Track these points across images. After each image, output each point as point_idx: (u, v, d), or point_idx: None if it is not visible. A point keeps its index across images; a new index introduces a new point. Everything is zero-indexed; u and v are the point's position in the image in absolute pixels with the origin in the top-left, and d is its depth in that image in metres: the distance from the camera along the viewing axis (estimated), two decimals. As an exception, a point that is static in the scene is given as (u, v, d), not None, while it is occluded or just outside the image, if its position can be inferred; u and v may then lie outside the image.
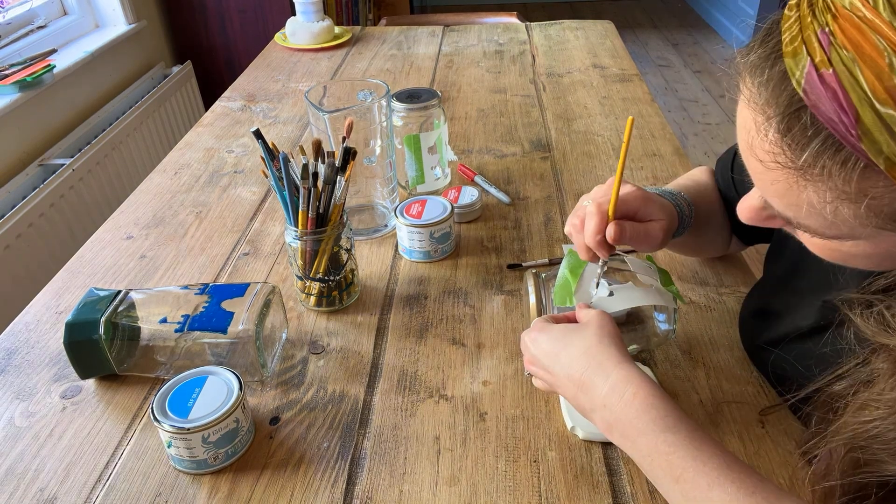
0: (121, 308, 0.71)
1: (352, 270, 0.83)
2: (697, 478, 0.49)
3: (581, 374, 0.57)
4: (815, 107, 0.37)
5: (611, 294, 0.66)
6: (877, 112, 0.35)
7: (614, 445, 0.64)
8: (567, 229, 0.69)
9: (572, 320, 0.65)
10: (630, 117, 0.61)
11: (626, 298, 0.66)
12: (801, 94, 0.38)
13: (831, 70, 0.36)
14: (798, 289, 0.66)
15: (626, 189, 0.65)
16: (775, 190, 0.43)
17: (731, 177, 0.78)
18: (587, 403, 0.57)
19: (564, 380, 0.59)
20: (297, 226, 0.77)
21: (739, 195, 0.76)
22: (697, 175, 0.83)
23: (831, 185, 0.39)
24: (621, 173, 0.62)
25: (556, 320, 0.65)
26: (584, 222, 0.64)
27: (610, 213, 0.63)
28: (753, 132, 0.42)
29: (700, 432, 0.52)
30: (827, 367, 0.51)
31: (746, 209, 0.50)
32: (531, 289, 0.70)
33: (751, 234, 0.81)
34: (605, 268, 0.66)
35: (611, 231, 0.62)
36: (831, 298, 0.58)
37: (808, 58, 0.37)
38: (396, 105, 0.99)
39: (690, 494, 0.49)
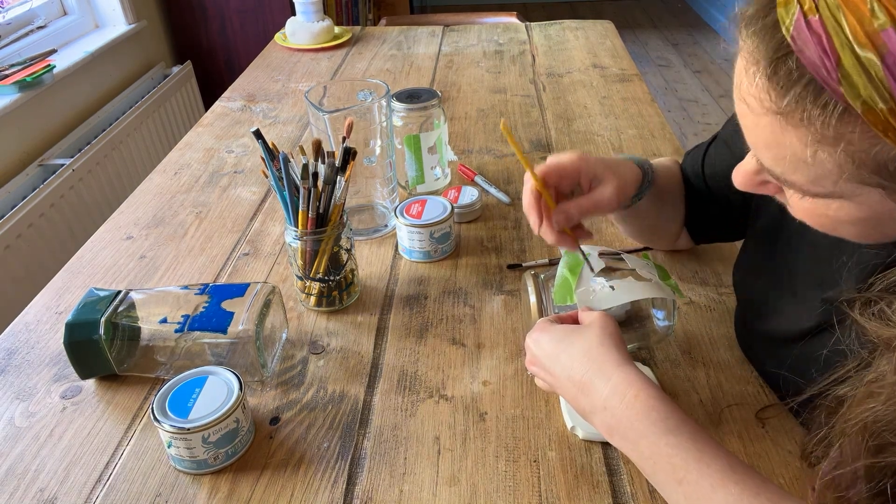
0: (121, 308, 0.71)
1: (352, 270, 0.83)
2: (701, 480, 0.49)
3: (582, 375, 0.57)
4: (800, 52, 0.39)
5: (612, 289, 0.66)
6: (856, 56, 0.36)
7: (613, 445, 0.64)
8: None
9: (575, 321, 0.65)
10: (503, 120, 0.68)
11: (627, 292, 0.66)
12: (790, 40, 0.39)
13: (818, 16, 0.38)
14: (795, 288, 0.65)
15: (562, 158, 0.67)
16: (763, 139, 0.44)
17: (702, 167, 0.79)
18: (587, 405, 0.57)
19: (565, 381, 0.59)
20: (297, 226, 0.77)
21: (709, 187, 0.77)
22: (664, 159, 0.84)
23: (812, 129, 0.40)
24: (531, 168, 0.64)
25: (560, 320, 0.65)
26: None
27: (550, 202, 0.65)
28: (743, 77, 0.43)
29: (702, 434, 0.52)
30: (828, 370, 0.51)
31: (741, 174, 0.52)
32: (531, 289, 0.70)
33: (701, 234, 0.83)
34: (598, 252, 0.68)
35: (556, 224, 0.65)
36: (831, 296, 0.57)
37: (798, 6, 0.39)
38: (396, 105, 0.99)
39: (693, 497, 0.49)
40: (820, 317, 0.60)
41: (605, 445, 0.64)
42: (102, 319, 0.69)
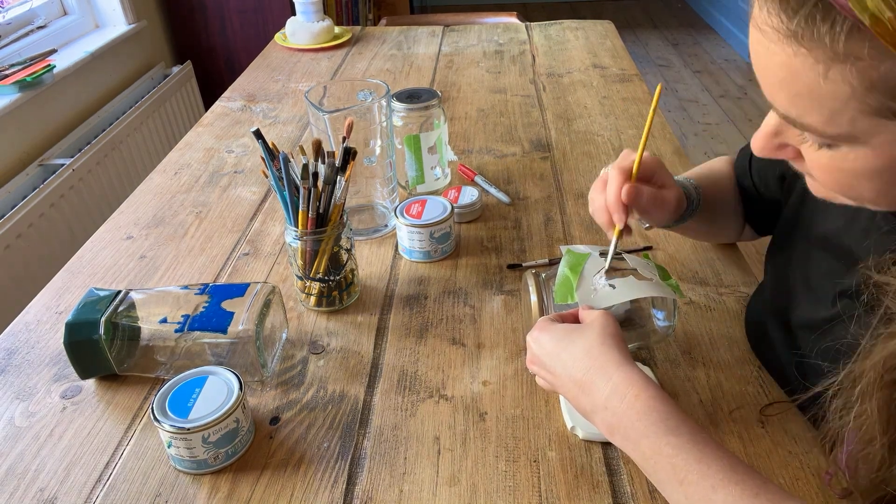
0: (121, 308, 0.71)
1: (352, 270, 0.83)
2: (702, 480, 0.49)
3: (583, 374, 0.57)
4: None
5: (612, 288, 0.66)
6: None
7: (614, 445, 0.64)
8: (590, 195, 0.72)
9: (576, 319, 0.65)
10: (660, 84, 0.71)
11: (627, 291, 0.66)
12: None
13: None
14: (809, 280, 0.66)
15: (646, 155, 0.69)
16: (777, 75, 0.44)
17: (749, 164, 0.81)
18: (588, 405, 0.57)
19: (566, 380, 0.59)
20: (297, 226, 0.77)
21: (755, 184, 0.80)
22: (715, 164, 0.86)
23: (823, 48, 0.40)
24: (646, 138, 0.66)
25: (562, 319, 0.65)
26: (605, 184, 0.68)
27: (633, 174, 0.67)
28: (756, 11, 0.44)
29: (703, 434, 0.52)
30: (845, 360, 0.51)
31: (759, 138, 0.51)
32: (532, 288, 0.70)
33: (762, 227, 0.83)
34: (614, 250, 0.69)
35: (626, 191, 0.66)
36: (846, 288, 0.58)
37: None
38: (396, 105, 0.99)
39: (694, 497, 0.49)
40: (834, 310, 0.60)
41: (605, 445, 0.64)
42: (102, 319, 0.69)
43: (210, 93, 2.46)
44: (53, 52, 1.92)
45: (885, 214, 0.56)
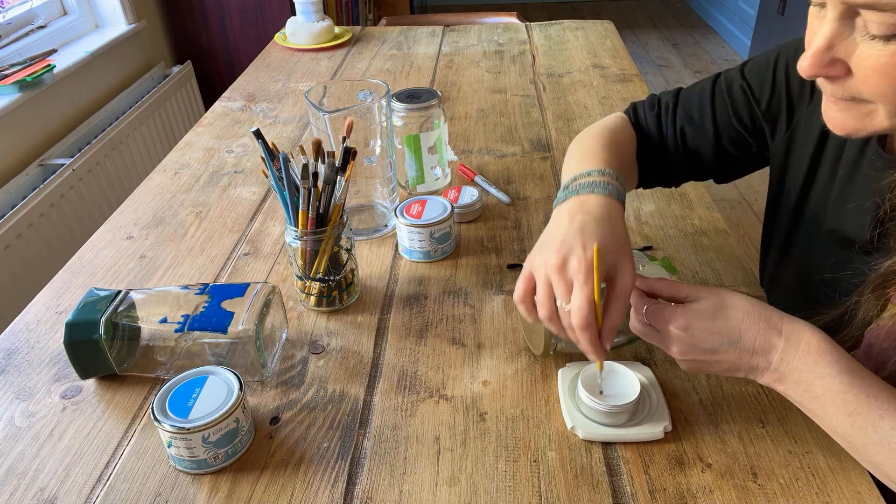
0: (121, 308, 0.71)
1: (352, 270, 0.83)
2: (869, 411, 0.54)
3: (754, 339, 0.59)
4: None
5: None
6: None
7: (614, 445, 0.64)
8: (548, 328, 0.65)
9: (657, 297, 0.64)
10: (595, 245, 0.59)
11: None
12: None
13: None
14: (811, 277, 0.70)
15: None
16: None
17: (675, 125, 0.83)
18: (761, 363, 0.59)
19: (731, 354, 0.59)
20: (297, 226, 0.77)
21: (666, 142, 0.83)
22: (617, 130, 0.85)
23: None
24: (600, 292, 0.59)
25: (653, 294, 0.63)
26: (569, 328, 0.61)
27: (598, 309, 0.60)
28: None
29: (867, 371, 0.56)
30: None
31: (811, 56, 0.52)
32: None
33: (649, 178, 0.86)
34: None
35: (605, 336, 0.61)
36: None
37: None
38: (396, 105, 0.99)
39: (861, 425, 0.54)
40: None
41: (605, 445, 0.64)
42: (102, 319, 0.69)
43: (210, 93, 2.46)
44: (53, 52, 1.92)
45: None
